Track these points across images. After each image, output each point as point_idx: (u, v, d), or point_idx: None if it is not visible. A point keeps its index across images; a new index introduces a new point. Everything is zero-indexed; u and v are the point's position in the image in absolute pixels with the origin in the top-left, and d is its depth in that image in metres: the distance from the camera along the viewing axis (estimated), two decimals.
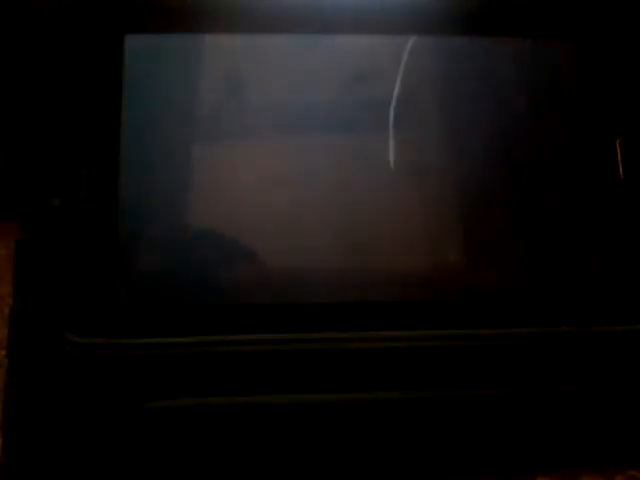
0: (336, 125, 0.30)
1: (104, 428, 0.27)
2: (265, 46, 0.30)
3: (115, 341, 0.27)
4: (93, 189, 0.28)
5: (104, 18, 0.29)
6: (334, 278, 0.29)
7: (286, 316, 0.28)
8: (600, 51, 0.31)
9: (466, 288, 0.29)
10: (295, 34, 0.30)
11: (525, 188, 0.30)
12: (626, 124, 0.31)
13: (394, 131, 0.30)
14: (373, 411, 0.28)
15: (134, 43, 0.29)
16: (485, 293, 0.29)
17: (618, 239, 0.30)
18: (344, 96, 0.30)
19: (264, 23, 0.30)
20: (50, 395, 0.27)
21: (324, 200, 0.29)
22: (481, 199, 0.30)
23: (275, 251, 0.29)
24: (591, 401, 0.29)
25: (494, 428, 0.29)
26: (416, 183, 0.30)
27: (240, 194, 0.29)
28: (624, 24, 0.31)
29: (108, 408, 0.27)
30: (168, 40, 0.30)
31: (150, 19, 0.30)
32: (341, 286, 0.29)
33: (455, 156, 0.30)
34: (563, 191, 0.30)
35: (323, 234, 0.29)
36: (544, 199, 0.30)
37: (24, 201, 0.28)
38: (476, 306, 0.29)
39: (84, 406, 0.27)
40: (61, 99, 0.29)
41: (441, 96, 0.31)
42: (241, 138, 0.30)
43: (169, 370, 0.27)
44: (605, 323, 0.29)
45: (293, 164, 0.30)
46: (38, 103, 0.29)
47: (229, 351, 0.27)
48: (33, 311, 0.27)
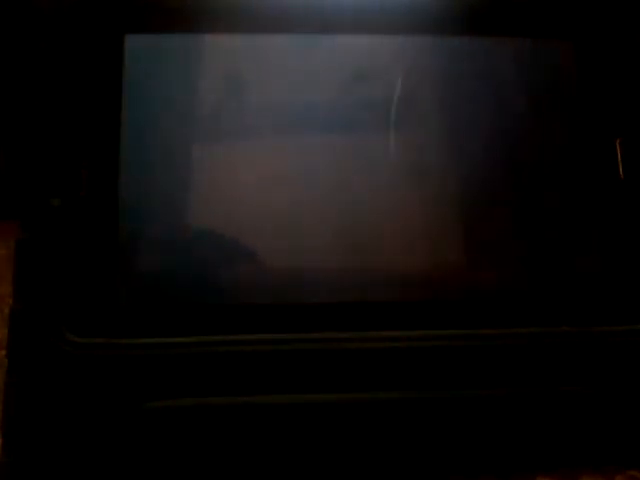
0: (336, 125, 0.30)
1: (104, 428, 0.27)
2: (265, 46, 0.30)
3: (115, 341, 0.27)
4: (93, 189, 0.28)
5: (104, 18, 0.29)
6: (334, 278, 0.29)
7: (286, 316, 0.28)
8: (600, 51, 0.31)
9: (466, 288, 0.29)
10: (295, 34, 0.30)
11: (525, 188, 0.30)
12: (626, 124, 0.31)
13: (394, 131, 0.30)
14: (373, 411, 0.28)
15: (134, 43, 0.29)
16: (485, 293, 0.29)
17: (618, 239, 0.30)
18: (344, 96, 0.30)
19: (264, 23, 0.30)
20: (50, 395, 0.27)
21: (324, 200, 0.29)
22: (481, 199, 0.30)
23: (275, 251, 0.29)
24: (591, 401, 0.29)
25: (494, 428, 0.29)
26: (416, 183, 0.30)
27: (240, 194, 0.29)
28: (624, 24, 0.31)
29: (108, 408, 0.27)
30: (168, 40, 0.30)
31: (150, 19, 0.30)
32: (341, 286, 0.29)
33: (455, 156, 0.30)
34: (563, 191, 0.30)
35: (323, 234, 0.29)
36: (544, 199, 0.30)
37: (24, 201, 0.28)
38: (476, 306, 0.29)
39: (84, 406, 0.27)
40: (61, 99, 0.29)
41: (441, 96, 0.31)
42: (241, 138, 0.30)
43: (169, 370, 0.27)
44: (605, 323, 0.29)
45: (293, 164, 0.30)
46: (38, 103, 0.29)
47: (229, 351, 0.27)
48: (33, 311, 0.27)
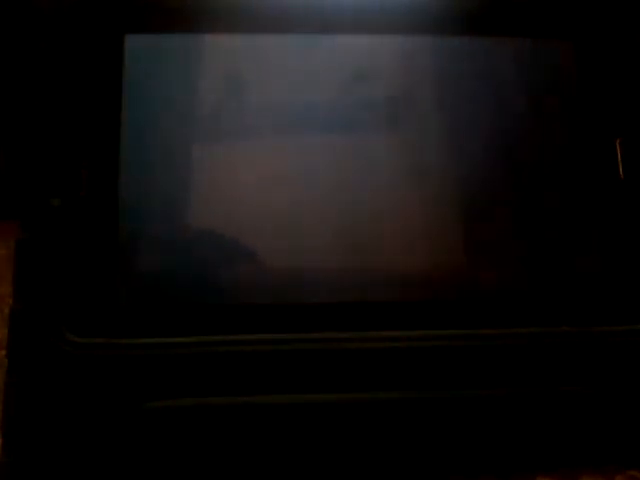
0: (336, 125, 0.30)
1: (104, 428, 0.27)
2: (265, 46, 0.30)
3: (115, 341, 0.27)
4: (93, 189, 0.28)
5: (104, 18, 0.29)
6: (334, 278, 0.29)
7: (286, 316, 0.28)
8: (600, 51, 0.31)
9: (466, 288, 0.29)
10: (295, 34, 0.30)
11: (525, 188, 0.30)
12: (626, 124, 0.31)
13: (394, 131, 0.30)
14: (373, 411, 0.28)
15: (134, 43, 0.29)
16: (485, 293, 0.29)
17: (618, 239, 0.30)
18: (344, 96, 0.30)
19: (264, 23, 0.30)
20: (50, 395, 0.27)
21: (324, 200, 0.29)
22: (481, 199, 0.30)
23: (275, 251, 0.29)
24: (591, 401, 0.29)
25: (494, 428, 0.29)
26: (416, 183, 0.30)
27: (240, 194, 0.29)
28: (624, 24, 0.31)
29: (108, 408, 0.27)
30: (168, 40, 0.30)
31: (150, 19, 0.30)
32: (341, 286, 0.29)
33: (455, 156, 0.30)
34: (563, 191, 0.30)
35: (323, 234, 0.29)
36: (544, 199, 0.30)
37: (24, 201, 0.28)
38: (476, 306, 0.29)
39: (84, 406, 0.27)
40: (61, 99, 0.29)
41: (441, 96, 0.31)
42: (241, 138, 0.30)
43: (169, 370, 0.27)
44: (605, 323, 0.29)
45: (293, 164, 0.30)
46: (38, 103, 0.29)
47: (229, 351, 0.27)
48: (33, 311, 0.27)
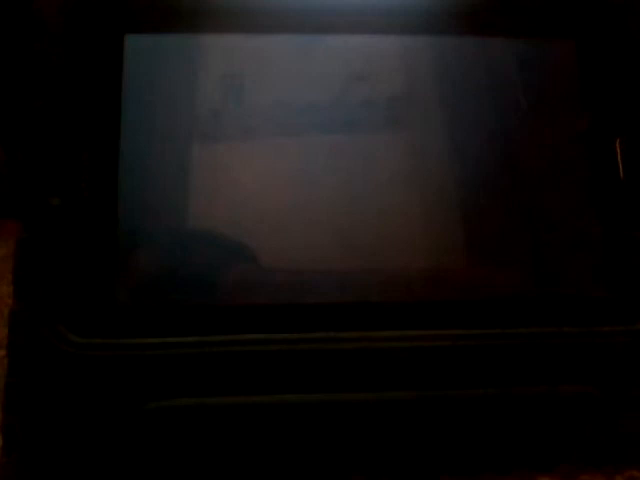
0: (336, 125, 0.30)
1: (104, 428, 0.27)
2: (265, 46, 0.30)
3: (115, 341, 0.27)
4: (93, 189, 0.28)
5: (104, 18, 0.29)
6: (334, 278, 0.29)
7: (286, 316, 0.28)
8: (602, 50, 0.31)
9: (466, 288, 0.29)
10: (295, 34, 0.30)
11: (525, 188, 0.30)
12: (626, 124, 0.31)
13: (394, 131, 0.30)
14: (373, 411, 0.28)
15: (134, 43, 0.29)
16: (485, 293, 0.29)
17: (618, 239, 0.30)
18: (344, 96, 0.30)
19: (264, 23, 0.30)
20: (50, 395, 0.27)
21: (324, 200, 0.29)
22: (481, 199, 0.30)
23: (275, 251, 0.29)
24: (591, 401, 0.29)
25: (494, 428, 0.29)
26: (416, 183, 0.30)
27: (240, 194, 0.29)
28: (626, 24, 0.31)
29: (108, 408, 0.27)
30: (168, 40, 0.30)
31: (150, 19, 0.30)
32: (341, 286, 0.29)
33: (455, 156, 0.30)
34: (563, 191, 0.30)
35: (323, 234, 0.29)
36: (544, 199, 0.30)
37: (24, 201, 0.28)
38: (476, 306, 0.29)
39: (84, 406, 0.27)
40: (61, 99, 0.29)
41: (441, 96, 0.31)
42: (241, 138, 0.30)
43: (169, 370, 0.27)
44: (605, 323, 0.29)
45: (293, 164, 0.30)
46: (38, 103, 0.29)
47: (229, 351, 0.27)
48: (33, 311, 0.27)
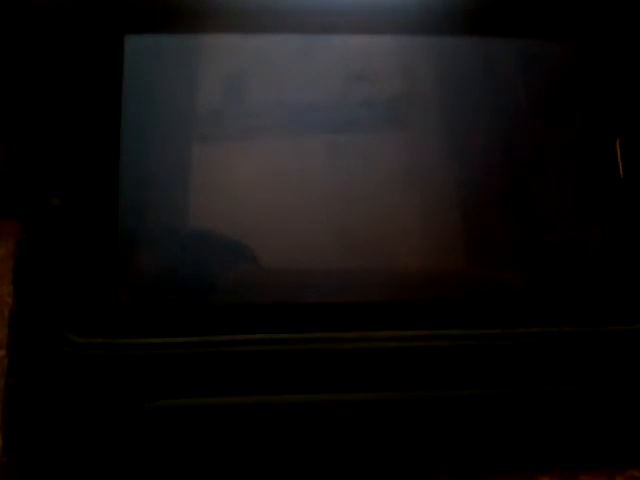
0: (336, 125, 0.30)
1: (105, 428, 0.27)
2: (265, 46, 0.30)
3: (115, 341, 0.27)
4: (93, 189, 0.28)
5: (104, 18, 0.29)
6: (334, 278, 0.29)
7: (286, 316, 0.28)
8: (601, 52, 0.31)
9: (466, 288, 0.29)
10: (295, 34, 0.30)
11: (525, 188, 0.30)
12: (626, 124, 0.31)
13: (394, 131, 0.30)
14: (373, 411, 0.28)
15: (134, 43, 0.29)
16: (485, 293, 0.29)
17: (618, 239, 0.30)
18: (344, 96, 0.30)
19: (264, 23, 0.30)
20: (50, 395, 0.27)
21: (324, 200, 0.29)
22: (481, 199, 0.30)
23: (275, 251, 0.29)
24: (591, 401, 0.29)
25: (494, 428, 0.29)
26: (416, 183, 0.30)
27: (240, 194, 0.29)
28: (625, 25, 0.31)
29: (109, 408, 0.27)
30: (168, 40, 0.30)
31: (150, 19, 0.30)
32: (341, 286, 0.29)
33: (455, 156, 0.30)
34: (563, 191, 0.30)
35: (323, 234, 0.29)
36: (544, 199, 0.30)
37: (24, 201, 0.28)
38: (476, 306, 0.29)
39: (84, 406, 0.27)
40: (61, 99, 0.29)
41: (441, 96, 0.31)
42: (241, 138, 0.30)
43: (169, 370, 0.27)
44: (605, 323, 0.29)
45: (293, 164, 0.30)
46: (38, 103, 0.29)
47: (229, 351, 0.27)
48: (33, 311, 0.27)
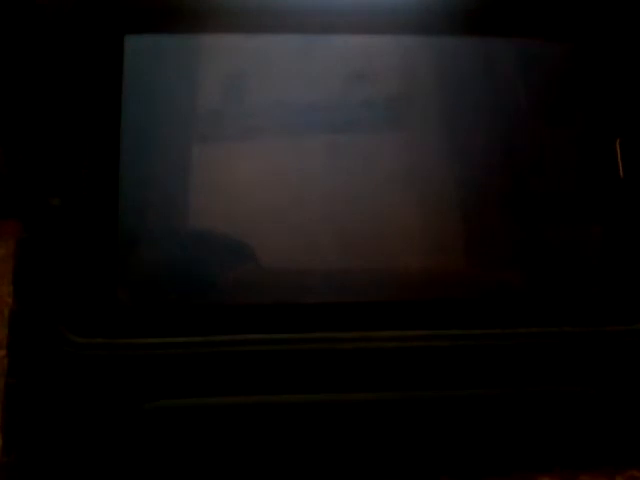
0: (336, 125, 0.30)
1: (105, 428, 0.27)
2: (265, 46, 0.30)
3: (115, 341, 0.27)
4: (93, 189, 0.28)
5: (104, 18, 0.29)
6: (334, 278, 0.29)
7: (286, 316, 0.28)
8: (601, 52, 0.31)
9: (466, 288, 0.29)
10: (295, 34, 0.30)
11: (525, 188, 0.30)
12: (626, 124, 0.31)
13: (394, 131, 0.30)
14: (373, 411, 0.28)
15: (134, 43, 0.29)
16: (485, 293, 0.29)
17: (618, 239, 0.30)
18: (344, 96, 0.30)
19: (264, 23, 0.30)
20: (50, 395, 0.27)
21: (324, 200, 0.29)
22: (481, 199, 0.30)
23: (275, 251, 0.29)
24: (591, 401, 0.29)
25: (494, 428, 0.29)
26: (416, 183, 0.30)
27: (240, 194, 0.29)
28: (625, 25, 0.31)
29: (109, 408, 0.27)
30: (168, 40, 0.30)
31: (150, 19, 0.30)
32: (341, 286, 0.29)
33: (455, 156, 0.30)
34: (563, 191, 0.30)
35: (323, 234, 0.29)
36: (544, 199, 0.30)
37: (24, 201, 0.28)
38: (476, 306, 0.29)
39: (84, 406, 0.27)
40: (61, 99, 0.29)
41: (441, 96, 0.31)
42: (241, 138, 0.30)
43: (169, 370, 0.27)
44: (605, 323, 0.29)
45: (293, 164, 0.30)
46: (38, 103, 0.29)
47: (229, 351, 0.27)
48: (33, 311, 0.27)
